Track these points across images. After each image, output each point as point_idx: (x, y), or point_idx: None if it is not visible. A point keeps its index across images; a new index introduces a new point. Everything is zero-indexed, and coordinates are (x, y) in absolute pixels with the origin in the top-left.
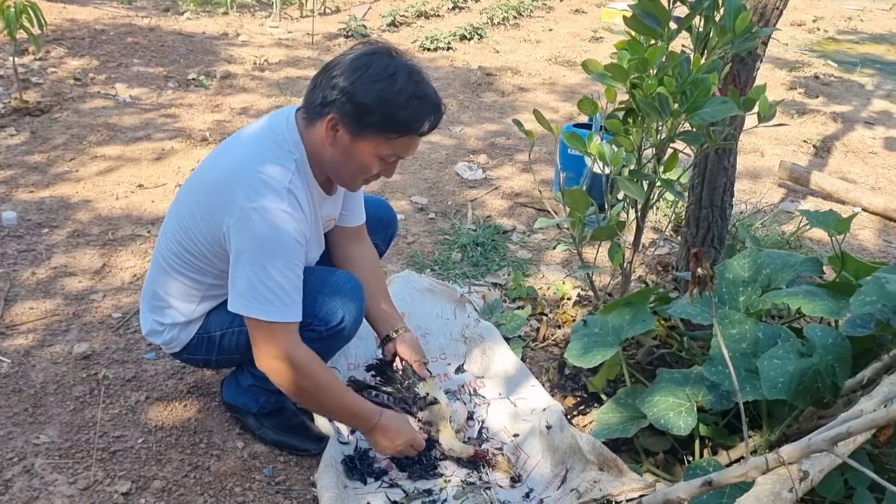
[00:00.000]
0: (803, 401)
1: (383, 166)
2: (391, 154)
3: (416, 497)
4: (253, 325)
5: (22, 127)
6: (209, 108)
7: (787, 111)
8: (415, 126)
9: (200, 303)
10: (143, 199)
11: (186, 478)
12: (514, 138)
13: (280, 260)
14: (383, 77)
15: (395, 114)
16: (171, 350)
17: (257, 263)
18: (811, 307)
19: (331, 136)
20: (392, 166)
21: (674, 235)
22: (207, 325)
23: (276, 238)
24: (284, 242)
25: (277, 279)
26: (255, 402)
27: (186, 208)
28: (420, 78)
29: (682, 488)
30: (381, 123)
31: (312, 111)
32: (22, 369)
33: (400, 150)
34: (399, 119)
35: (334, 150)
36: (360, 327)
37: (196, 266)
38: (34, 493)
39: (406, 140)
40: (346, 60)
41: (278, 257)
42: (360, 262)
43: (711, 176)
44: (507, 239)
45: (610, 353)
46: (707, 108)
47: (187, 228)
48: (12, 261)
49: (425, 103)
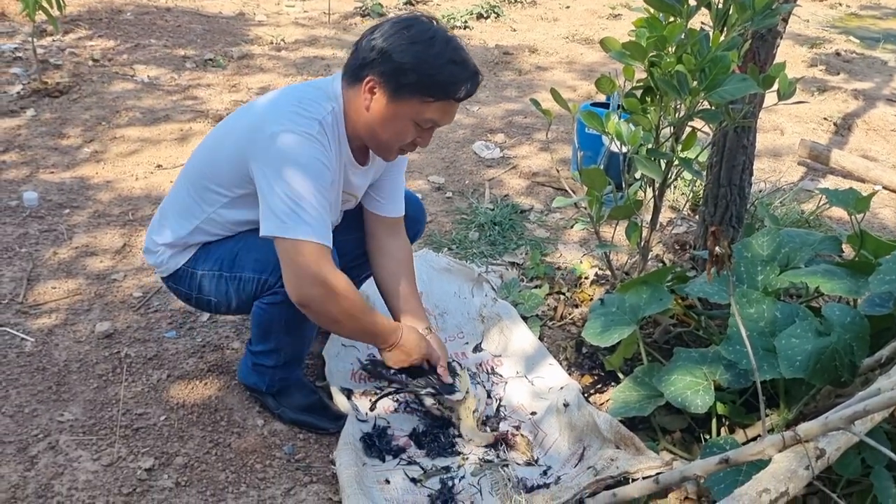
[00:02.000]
0: (821, 379)
1: (419, 133)
2: (427, 119)
3: (434, 474)
4: (286, 248)
5: (42, 108)
6: (227, 89)
7: (807, 88)
8: (451, 90)
9: (193, 233)
10: (163, 180)
11: (208, 454)
12: (532, 117)
13: (309, 182)
14: (422, 39)
15: (432, 76)
16: (161, 274)
17: (281, 185)
18: (830, 286)
19: (368, 100)
20: (428, 134)
21: (691, 214)
22: (194, 262)
23: (304, 161)
24: (312, 166)
25: (310, 201)
26: (263, 381)
27: (220, 135)
28: (458, 45)
29: (698, 465)
30: (418, 85)
31: (352, 75)
32: (45, 348)
33: (436, 115)
34: (436, 81)
35: (372, 115)
36: None
37: (206, 192)
38: (59, 468)
39: (442, 105)
40: (386, 25)
41: (307, 179)
42: (394, 256)
43: (730, 154)
44: (524, 218)
45: (627, 331)
46: (726, 86)
47: (214, 152)
48: (34, 241)
49: (462, 68)
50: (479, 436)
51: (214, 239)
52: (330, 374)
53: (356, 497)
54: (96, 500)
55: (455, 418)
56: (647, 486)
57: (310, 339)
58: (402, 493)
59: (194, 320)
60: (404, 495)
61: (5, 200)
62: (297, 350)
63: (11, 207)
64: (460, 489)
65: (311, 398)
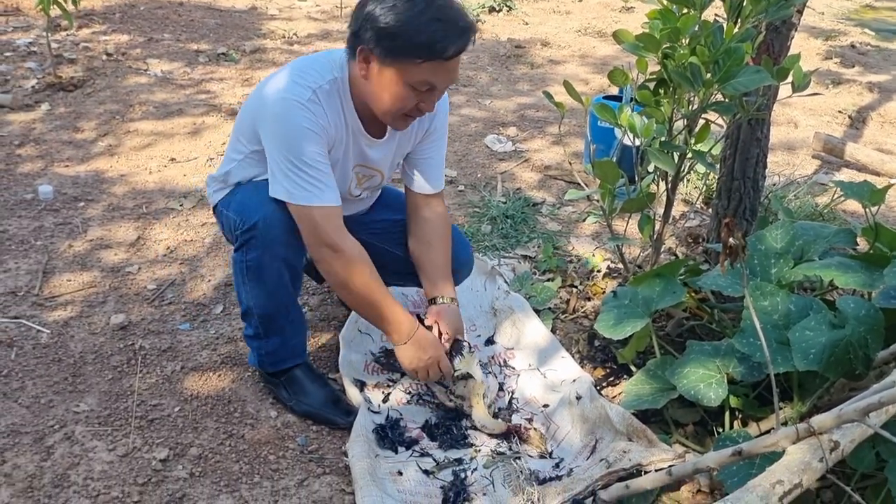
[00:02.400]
0: (835, 372)
1: (419, 97)
2: (421, 82)
3: (447, 466)
4: (294, 211)
5: (56, 102)
6: (240, 82)
7: (821, 81)
8: (437, 49)
9: (227, 174)
10: (176, 173)
11: (222, 445)
12: (545, 111)
13: (299, 147)
14: (403, 1)
15: (415, 36)
16: (211, 204)
17: (278, 150)
18: (844, 279)
19: (364, 69)
20: (430, 97)
21: (704, 208)
22: (224, 201)
23: (289, 127)
24: (296, 132)
25: (299, 166)
26: (254, 358)
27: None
28: (445, 3)
29: (711, 458)
30: (404, 47)
31: (350, 46)
32: (61, 339)
33: (429, 77)
34: (420, 42)
35: (370, 83)
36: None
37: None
38: (75, 459)
39: (433, 66)
40: None
41: (295, 144)
42: (428, 228)
43: (744, 147)
44: (537, 211)
45: (640, 324)
46: (740, 78)
47: (243, 107)
48: (49, 234)
49: (447, 26)
50: (491, 422)
51: (248, 178)
52: (343, 365)
53: (369, 489)
54: (112, 489)
55: (466, 406)
56: (660, 478)
57: (277, 298)
58: (415, 485)
59: (208, 312)
60: (417, 487)
61: (21, 194)
62: (265, 310)
63: (27, 200)
64: (473, 481)
65: (323, 391)
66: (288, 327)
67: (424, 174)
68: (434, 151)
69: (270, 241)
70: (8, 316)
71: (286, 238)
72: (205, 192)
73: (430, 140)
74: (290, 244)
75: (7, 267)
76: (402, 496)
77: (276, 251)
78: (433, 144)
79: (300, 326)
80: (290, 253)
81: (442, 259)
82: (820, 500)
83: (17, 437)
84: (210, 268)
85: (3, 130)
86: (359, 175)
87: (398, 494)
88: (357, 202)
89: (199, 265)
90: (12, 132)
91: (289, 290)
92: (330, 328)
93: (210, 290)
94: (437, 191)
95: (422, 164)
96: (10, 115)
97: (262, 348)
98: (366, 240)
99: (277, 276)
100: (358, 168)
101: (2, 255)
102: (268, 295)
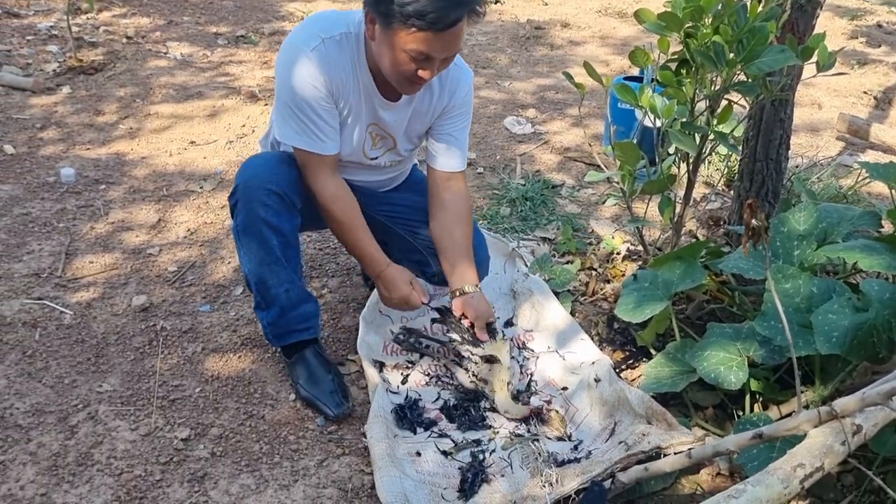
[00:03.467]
0: (858, 356)
1: (417, 64)
2: (414, 50)
3: (465, 447)
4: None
5: (77, 86)
6: (259, 65)
7: (847, 61)
8: (428, 19)
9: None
10: (196, 156)
11: (242, 426)
12: (564, 92)
13: (299, 93)
14: None
15: (406, 4)
16: None
17: (281, 93)
18: (868, 262)
19: (371, 30)
20: (429, 66)
21: (726, 190)
22: None
23: (291, 73)
24: (297, 78)
25: (296, 111)
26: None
27: None
28: None
29: (731, 441)
30: (398, 14)
31: (363, 8)
32: (84, 321)
33: (421, 46)
34: (410, 10)
35: (376, 45)
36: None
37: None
38: (98, 438)
39: (425, 36)
40: None
41: (295, 90)
42: (448, 210)
43: (767, 128)
44: (556, 193)
45: (659, 307)
46: (764, 58)
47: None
48: (72, 216)
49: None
50: (514, 408)
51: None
52: (361, 347)
53: (387, 469)
54: (135, 468)
55: (489, 391)
56: (680, 460)
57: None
58: (434, 466)
59: (228, 294)
60: (435, 468)
61: (43, 176)
62: (258, 276)
63: (49, 183)
64: (491, 462)
65: (325, 379)
66: (283, 296)
67: (446, 152)
68: (456, 129)
69: (250, 202)
70: (32, 297)
71: (265, 199)
72: (225, 175)
73: (451, 117)
74: (269, 206)
75: (31, 249)
76: (420, 476)
77: (256, 213)
78: (455, 122)
79: (301, 299)
80: (271, 216)
81: (463, 242)
82: (841, 484)
83: (42, 417)
84: (230, 249)
85: (24, 114)
86: (373, 135)
87: (417, 475)
88: (376, 171)
89: (219, 247)
90: (34, 115)
91: (277, 255)
92: (349, 310)
93: (230, 272)
94: (459, 170)
95: (443, 142)
96: (32, 99)
97: (263, 318)
98: (382, 220)
99: (262, 239)
100: (372, 127)
101: (25, 238)
102: (258, 260)
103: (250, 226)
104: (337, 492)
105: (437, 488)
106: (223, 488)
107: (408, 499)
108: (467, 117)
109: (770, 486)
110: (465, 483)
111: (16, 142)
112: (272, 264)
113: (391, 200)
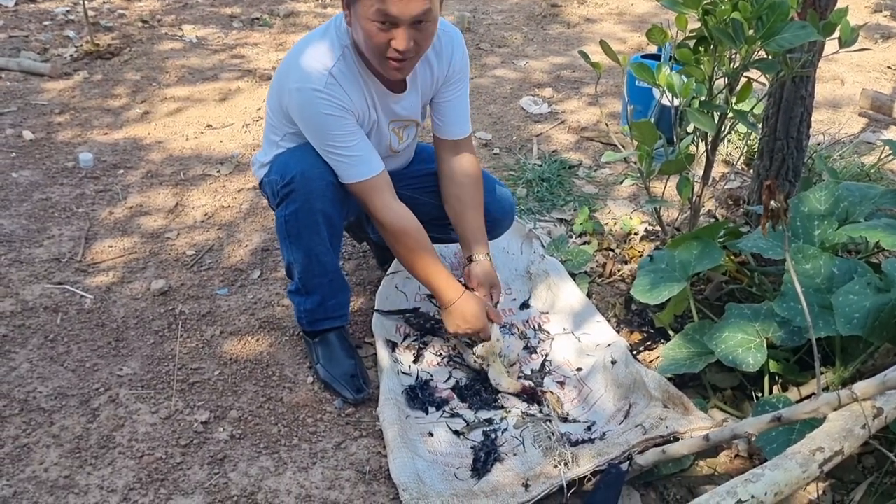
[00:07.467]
0: (879, 337)
1: (386, 32)
2: (377, 12)
3: (477, 426)
4: (352, 189)
5: (94, 70)
6: (274, 47)
7: (870, 36)
8: None
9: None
10: (212, 139)
11: (261, 408)
12: (581, 71)
13: (328, 133)
14: None
15: None
16: (257, 179)
17: (312, 138)
18: (891, 241)
19: (348, 15)
20: (398, 33)
21: (745, 169)
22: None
23: (312, 116)
24: (319, 119)
25: (333, 149)
26: (298, 316)
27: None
28: None
29: (750, 423)
30: None
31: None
32: (104, 305)
33: (378, 5)
34: None
35: (354, 30)
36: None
37: (270, 125)
38: (120, 421)
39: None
40: None
41: (323, 131)
42: (458, 180)
43: (787, 106)
44: (573, 174)
45: (677, 288)
46: (784, 34)
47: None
48: (90, 201)
49: None
50: (506, 381)
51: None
52: (376, 326)
53: (400, 451)
54: (156, 451)
55: (485, 366)
56: (698, 443)
57: (316, 254)
58: (446, 446)
59: (246, 278)
60: (448, 448)
61: (62, 161)
62: (304, 265)
63: (68, 168)
64: (503, 441)
65: (348, 363)
66: (327, 286)
67: (449, 117)
68: (456, 96)
69: (308, 192)
70: (53, 282)
71: (324, 190)
72: (241, 159)
73: (452, 83)
74: (327, 197)
75: (51, 234)
76: (433, 457)
77: (313, 204)
78: (454, 87)
79: (340, 288)
80: (328, 206)
81: (472, 209)
82: (861, 466)
83: (65, 400)
84: (247, 233)
85: (42, 99)
86: (396, 130)
87: (429, 455)
88: (398, 157)
89: (236, 231)
90: (52, 100)
91: (327, 245)
92: (365, 292)
93: (247, 256)
94: (465, 136)
95: (445, 108)
96: (49, 84)
97: (301, 304)
98: (409, 195)
99: (315, 229)
100: (393, 124)
101: (45, 223)
102: (307, 250)
103: (305, 217)
104: (354, 474)
105: (451, 468)
106: (242, 470)
107: (421, 479)
108: (465, 80)
109: (788, 471)
110: (477, 462)
111: (35, 127)
112: (322, 255)
113: (412, 173)
